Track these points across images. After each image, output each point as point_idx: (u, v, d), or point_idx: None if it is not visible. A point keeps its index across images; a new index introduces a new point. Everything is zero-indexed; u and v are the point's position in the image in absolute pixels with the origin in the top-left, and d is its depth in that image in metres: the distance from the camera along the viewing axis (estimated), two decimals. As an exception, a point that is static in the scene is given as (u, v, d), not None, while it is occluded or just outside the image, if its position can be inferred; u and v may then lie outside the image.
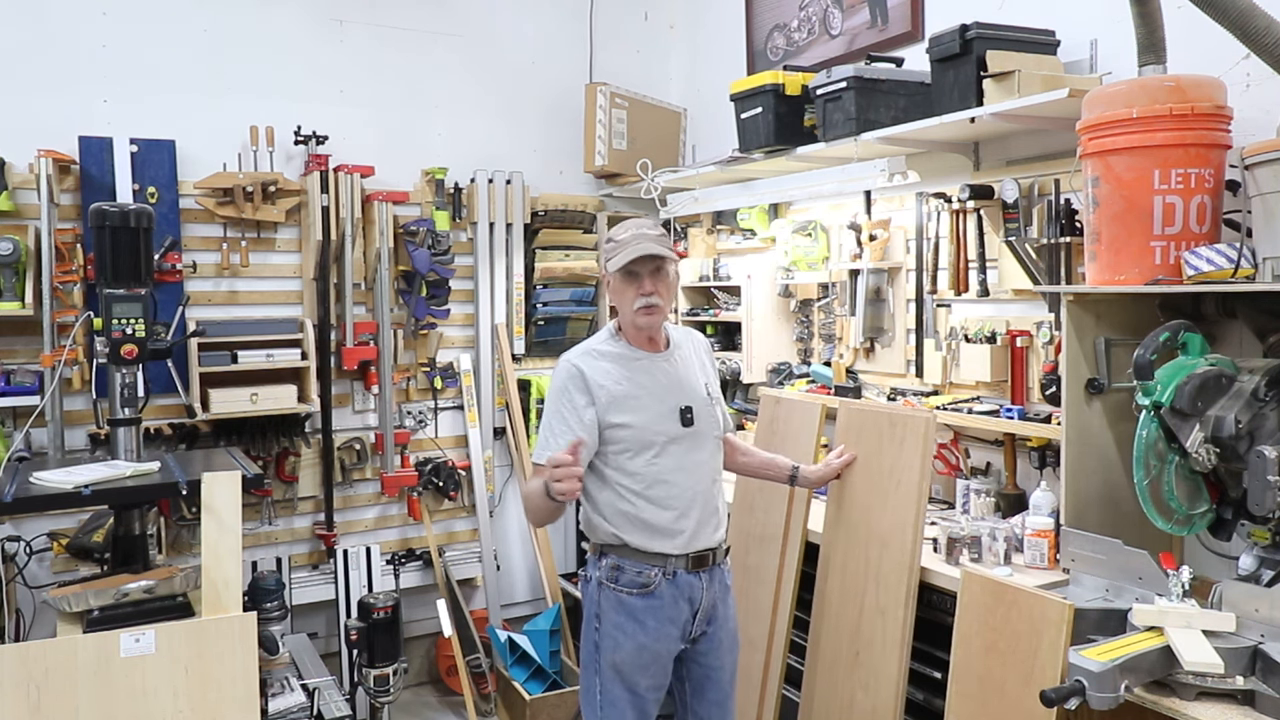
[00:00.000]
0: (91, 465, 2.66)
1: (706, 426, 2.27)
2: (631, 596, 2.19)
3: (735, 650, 2.37)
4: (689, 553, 2.21)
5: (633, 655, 2.20)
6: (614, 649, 2.22)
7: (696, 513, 2.22)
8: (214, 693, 2.34)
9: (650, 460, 2.19)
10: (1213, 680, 1.76)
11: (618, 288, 2.23)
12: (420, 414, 4.04)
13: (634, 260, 2.16)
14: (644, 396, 2.22)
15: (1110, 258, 2.16)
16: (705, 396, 2.29)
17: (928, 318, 3.11)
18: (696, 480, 2.23)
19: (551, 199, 4.24)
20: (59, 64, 3.39)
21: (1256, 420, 1.93)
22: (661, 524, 2.19)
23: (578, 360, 2.23)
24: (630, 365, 2.24)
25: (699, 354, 2.39)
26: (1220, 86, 2.10)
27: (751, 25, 4.06)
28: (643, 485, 2.19)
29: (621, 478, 2.20)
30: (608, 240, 2.27)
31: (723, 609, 2.31)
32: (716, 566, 2.28)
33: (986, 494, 2.78)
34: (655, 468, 2.19)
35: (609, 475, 2.22)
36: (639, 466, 2.19)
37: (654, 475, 2.19)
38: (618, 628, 2.21)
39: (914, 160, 3.00)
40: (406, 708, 3.82)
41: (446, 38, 4.06)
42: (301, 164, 3.73)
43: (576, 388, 2.20)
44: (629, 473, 2.20)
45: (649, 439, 2.19)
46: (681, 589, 2.21)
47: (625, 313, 2.24)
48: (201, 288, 3.61)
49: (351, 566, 3.80)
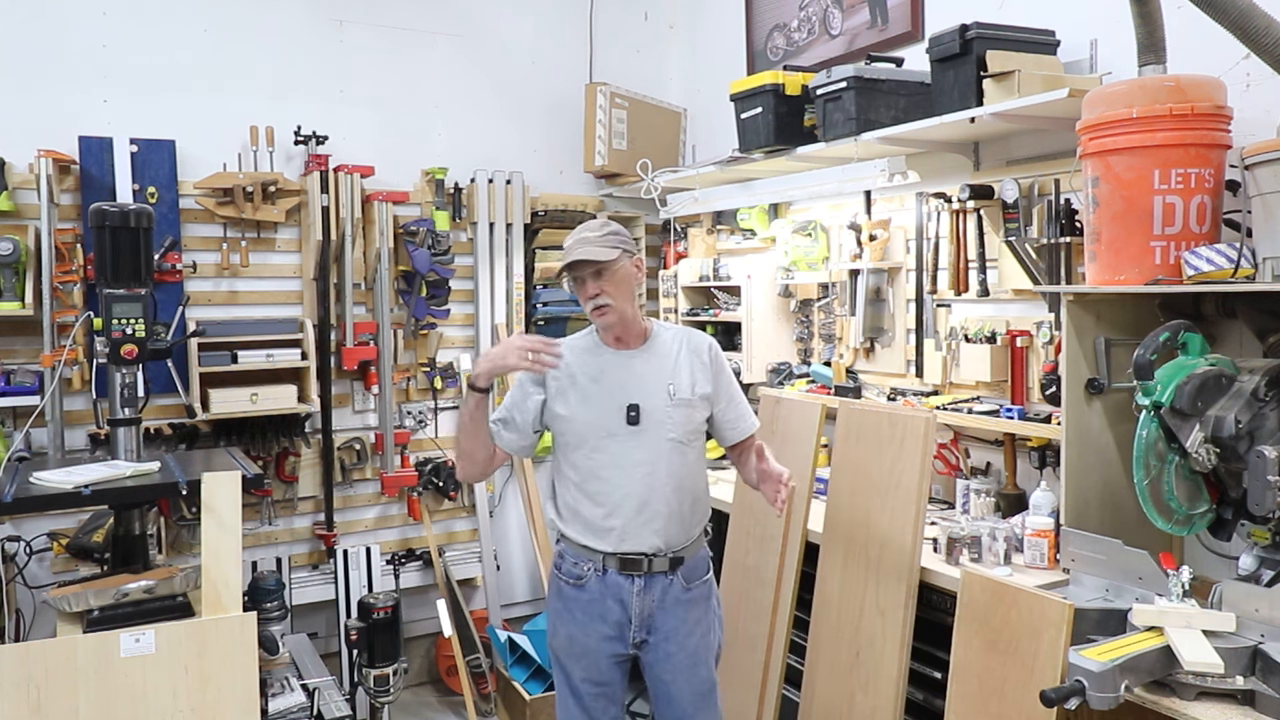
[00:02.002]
0: (91, 465, 2.65)
1: (655, 427, 2.19)
2: (567, 585, 2.25)
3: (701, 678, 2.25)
4: (617, 552, 2.18)
5: (565, 643, 2.27)
6: (552, 633, 2.32)
7: (629, 513, 2.17)
8: (214, 693, 2.34)
9: (587, 455, 2.21)
10: (1213, 680, 1.76)
11: (575, 291, 2.29)
12: (420, 414, 4.04)
13: (568, 266, 2.22)
14: (591, 391, 2.23)
15: (1110, 258, 2.16)
16: (666, 398, 2.21)
17: (928, 318, 3.11)
18: (633, 480, 2.17)
19: (551, 199, 4.24)
20: (59, 64, 3.39)
21: (1256, 420, 1.93)
22: (592, 519, 2.20)
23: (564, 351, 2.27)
24: (588, 360, 2.28)
25: (687, 355, 2.28)
26: (1220, 86, 2.10)
27: (751, 25, 4.06)
28: (580, 478, 2.23)
29: (567, 468, 2.26)
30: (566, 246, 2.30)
31: (674, 624, 2.21)
32: (657, 575, 2.20)
33: (986, 494, 2.78)
34: (591, 462, 2.21)
35: (560, 465, 2.29)
36: (578, 459, 2.23)
37: (589, 469, 2.21)
38: (555, 613, 2.30)
39: (914, 160, 3.00)
40: (406, 708, 3.82)
41: (446, 38, 4.06)
42: (301, 164, 3.73)
43: (531, 376, 2.25)
44: (572, 464, 2.24)
45: (584, 433, 2.21)
46: (610, 588, 2.20)
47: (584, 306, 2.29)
48: (201, 288, 3.60)
49: (351, 566, 3.80)
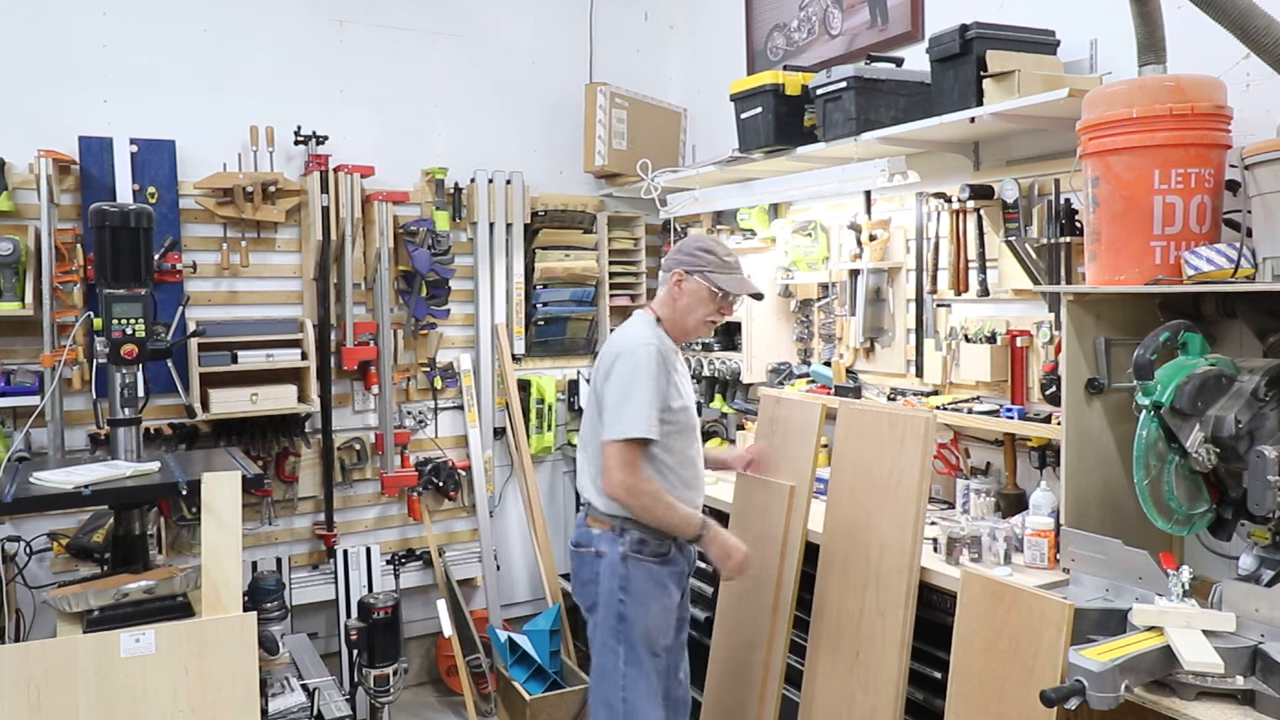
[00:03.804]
0: (91, 465, 2.66)
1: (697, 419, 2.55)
2: (655, 565, 2.42)
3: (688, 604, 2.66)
4: None
5: (659, 618, 2.44)
6: (645, 615, 2.42)
7: (699, 496, 2.51)
8: (214, 693, 2.35)
9: (687, 443, 2.45)
10: (1213, 680, 1.76)
11: (701, 296, 2.45)
12: (420, 414, 4.04)
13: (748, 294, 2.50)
14: (684, 385, 2.48)
15: (1110, 258, 2.16)
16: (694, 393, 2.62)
17: (928, 318, 3.11)
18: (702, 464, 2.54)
19: (551, 199, 4.24)
20: (59, 64, 3.39)
21: (1256, 420, 1.93)
22: (688, 499, 2.44)
23: (660, 345, 2.39)
24: (677, 357, 2.49)
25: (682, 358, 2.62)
26: (1220, 86, 2.10)
27: (751, 25, 4.06)
28: (677, 463, 2.43)
29: (666, 456, 2.40)
30: (708, 251, 2.46)
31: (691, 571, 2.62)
32: None
33: (986, 494, 2.78)
34: (691, 450, 2.47)
35: (655, 453, 2.39)
36: (682, 447, 2.43)
37: (688, 456, 2.46)
38: (645, 594, 2.42)
39: (914, 160, 3.00)
40: (406, 708, 3.82)
41: (446, 38, 4.06)
42: (301, 164, 3.74)
43: (662, 373, 2.37)
44: (673, 452, 2.41)
45: (692, 423, 2.47)
46: (687, 555, 2.52)
47: (693, 317, 2.47)
48: (201, 288, 3.61)
49: (351, 566, 3.80)
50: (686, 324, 2.48)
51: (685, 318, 2.47)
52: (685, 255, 2.47)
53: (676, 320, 2.48)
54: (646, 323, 2.49)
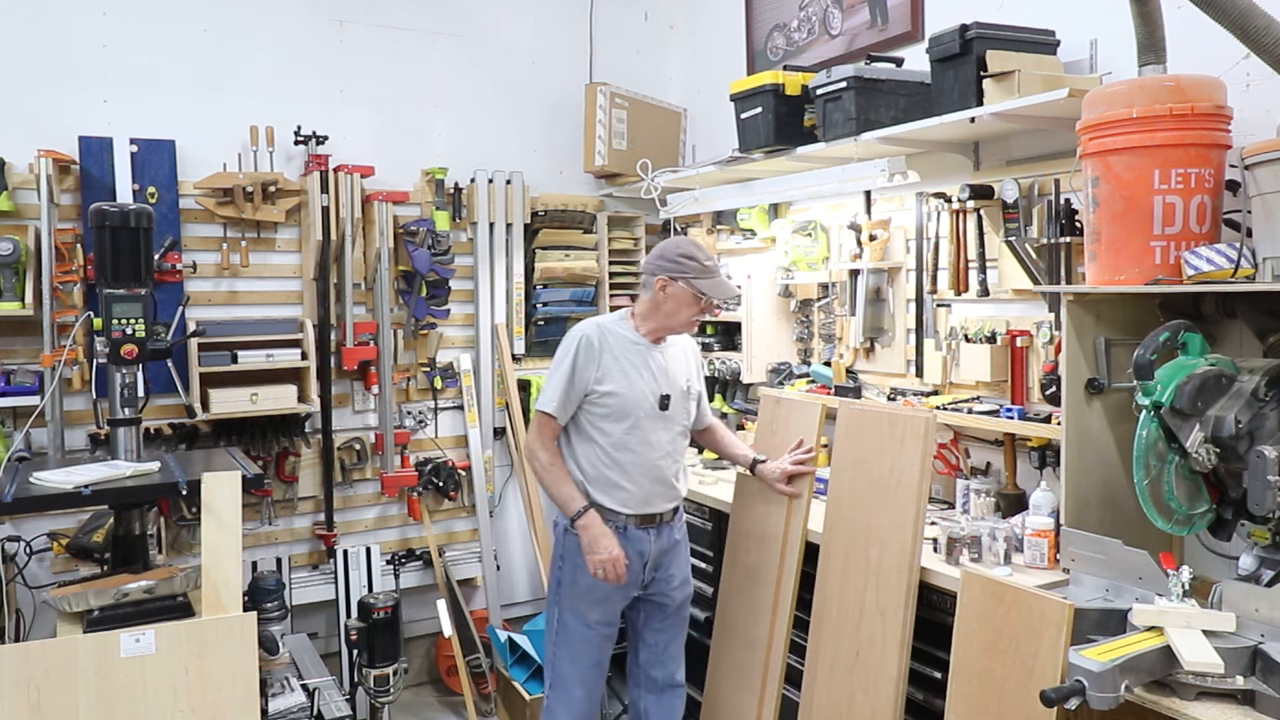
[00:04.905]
0: (91, 465, 2.66)
1: (677, 414, 2.67)
2: None
3: (685, 587, 2.78)
4: (638, 514, 2.60)
5: (586, 591, 2.61)
6: (570, 583, 2.64)
7: (648, 482, 2.60)
8: (214, 693, 2.35)
9: (625, 429, 2.57)
10: (1213, 680, 1.76)
11: (685, 301, 2.58)
12: (420, 414, 4.04)
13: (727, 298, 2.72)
14: (634, 376, 2.59)
15: (1110, 258, 2.16)
16: (684, 390, 2.69)
17: (928, 318, 3.11)
18: (657, 455, 2.61)
19: (551, 199, 4.24)
20: (59, 64, 3.39)
21: (1256, 420, 1.93)
22: (620, 485, 2.58)
23: (593, 334, 2.59)
24: (632, 348, 2.62)
25: (687, 355, 2.78)
26: (1220, 86, 2.10)
27: (751, 25, 4.06)
28: (611, 446, 2.57)
29: (598, 436, 2.58)
30: (689, 257, 2.58)
31: (671, 557, 2.72)
32: (665, 525, 2.68)
33: (986, 494, 2.78)
34: (628, 437, 2.57)
35: (591, 434, 2.59)
36: (614, 430, 2.57)
37: (623, 442, 2.57)
38: (579, 568, 2.59)
39: (914, 160, 3.00)
40: (406, 708, 3.82)
41: (446, 38, 4.06)
42: (301, 164, 3.73)
43: (586, 359, 2.56)
44: (606, 434, 2.57)
45: (629, 410, 2.57)
46: (631, 542, 2.60)
47: (678, 318, 2.61)
48: (201, 288, 3.60)
49: (351, 566, 3.80)
50: (671, 324, 2.64)
51: (670, 320, 2.63)
52: (668, 261, 2.59)
53: (664, 322, 2.63)
54: (615, 314, 2.74)
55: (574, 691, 2.64)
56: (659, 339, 2.67)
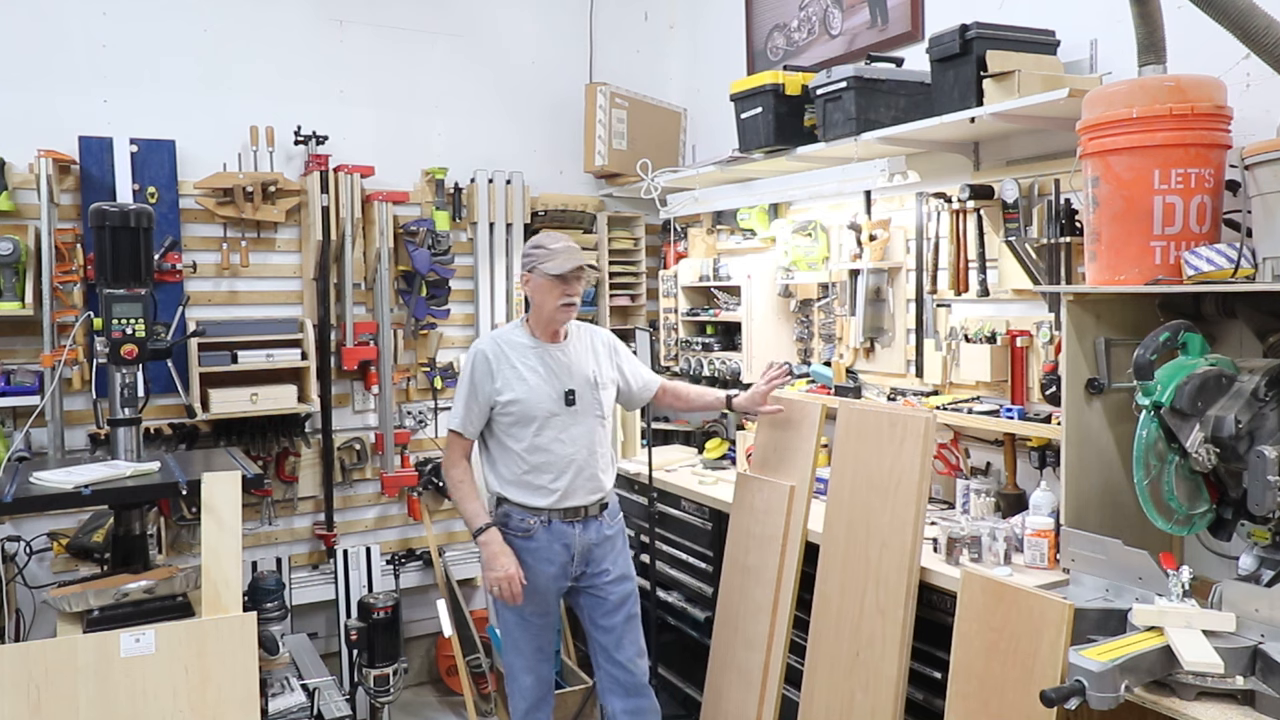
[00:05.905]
0: (91, 465, 2.66)
1: (587, 407, 2.71)
2: (517, 539, 2.66)
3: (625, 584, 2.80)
4: (561, 508, 2.66)
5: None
6: None
7: (569, 477, 2.66)
8: (214, 693, 2.34)
9: (534, 432, 2.64)
10: (1213, 680, 1.76)
11: (544, 287, 2.64)
12: (420, 414, 4.04)
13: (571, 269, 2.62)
14: (533, 379, 2.66)
15: (1110, 258, 2.16)
16: (590, 381, 2.73)
17: (928, 318, 3.11)
18: (574, 450, 2.67)
19: (551, 199, 4.24)
20: (59, 64, 3.39)
21: (1256, 420, 1.93)
22: (540, 484, 2.65)
23: (488, 348, 2.69)
24: (528, 353, 2.69)
25: (595, 346, 2.82)
26: (1220, 86, 2.10)
27: (751, 25, 4.06)
28: (526, 450, 2.65)
29: (512, 443, 2.66)
30: (537, 246, 2.68)
31: (602, 552, 2.75)
32: (592, 519, 2.73)
33: (986, 494, 2.78)
34: (538, 438, 2.64)
35: (504, 441, 2.68)
36: (525, 437, 2.64)
37: (535, 444, 2.65)
38: None
39: (914, 160, 3.00)
40: (406, 708, 3.83)
41: (446, 38, 4.06)
42: (301, 164, 3.74)
43: (484, 373, 2.66)
44: (517, 439, 2.65)
45: (532, 414, 2.64)
46: (556, 535, 2.67)
47: (547, 308, 2.66)
48: (201, 288, 3.61)
49: (351, 566, 3.80)
50: (546, 315, 2.68)
51: (542, 311, 2.68)
52: (525, 258, 2.71)
53: (541, 316, 2.69)
54: (510, 325, 2.81)
55: (523, 679, 2.74)
56: (554, 337, 2.72)
